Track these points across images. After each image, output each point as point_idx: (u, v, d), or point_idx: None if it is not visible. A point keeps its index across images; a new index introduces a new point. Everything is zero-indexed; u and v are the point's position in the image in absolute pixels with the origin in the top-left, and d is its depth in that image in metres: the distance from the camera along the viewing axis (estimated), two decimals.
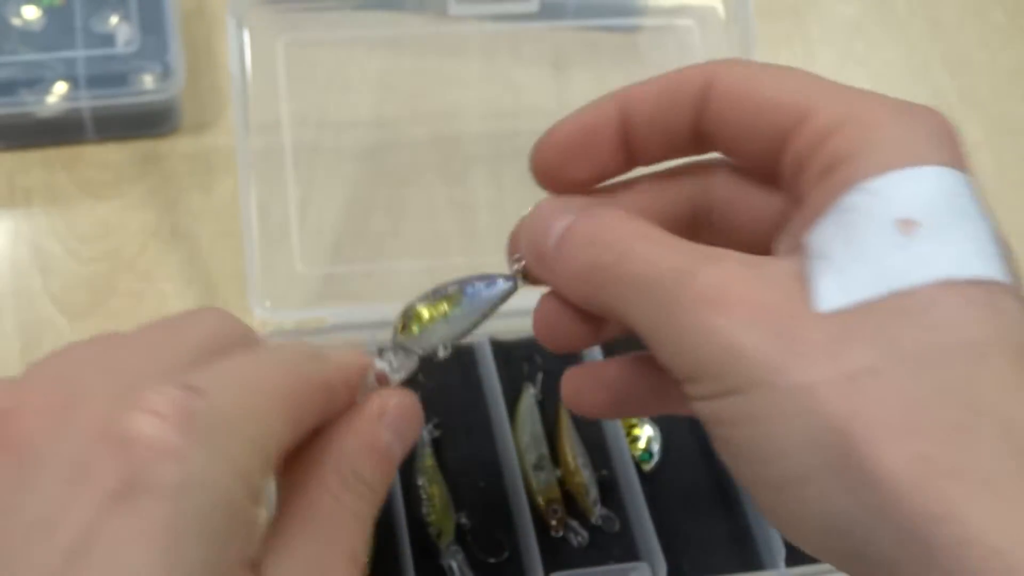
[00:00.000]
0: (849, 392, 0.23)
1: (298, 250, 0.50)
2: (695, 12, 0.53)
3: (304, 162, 0.51)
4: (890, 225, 0.25)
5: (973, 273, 0.24)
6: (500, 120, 0.58)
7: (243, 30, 0.47)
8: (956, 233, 0.25)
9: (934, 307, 0.24)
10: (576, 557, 0.44)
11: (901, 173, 0.25)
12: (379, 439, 0.30)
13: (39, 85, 0.56)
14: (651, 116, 0.30)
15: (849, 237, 0.25)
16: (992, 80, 0.69)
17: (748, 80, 0.29)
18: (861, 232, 0.25)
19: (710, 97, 0.29)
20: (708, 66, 0.30)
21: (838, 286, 0.24)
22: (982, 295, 0.24)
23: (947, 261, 0.24)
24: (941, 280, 0.24)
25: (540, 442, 0.47)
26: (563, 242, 0.30)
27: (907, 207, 0.25)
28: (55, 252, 0.54)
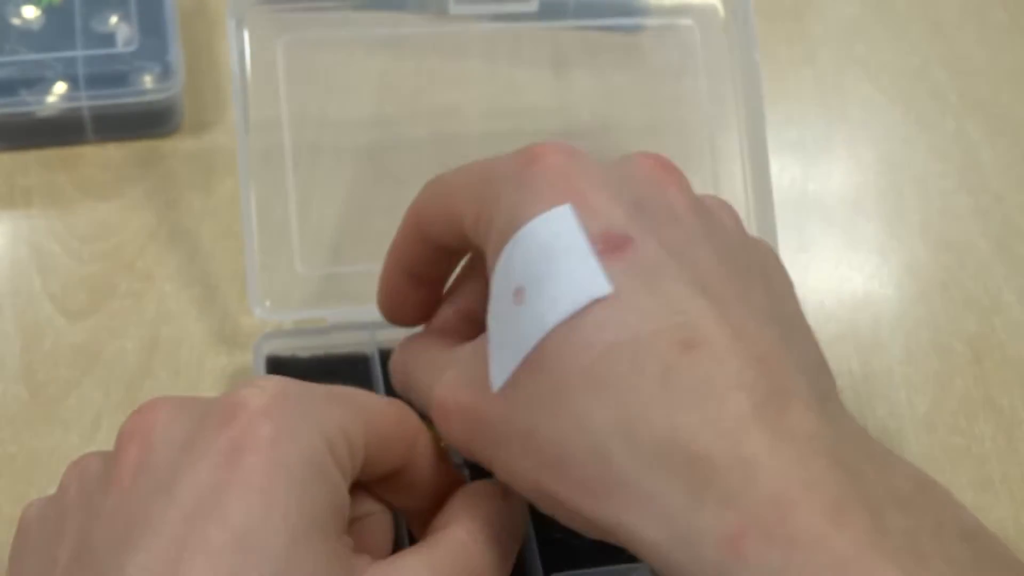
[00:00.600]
0: (524, 454, 0.28)
1: (298, 250, 0.50)
2: (695, 12, 0.53)
3: (304, 162, 0.50)
4: (509, 298, 0.28)
5: (570, 308, 0.27)
6: (500, 120, 0.58)
7: (243, 30, 0.47)
8: (553, 281, 0.27)
9: (554, 352, 0.27)
10: (576, 557, 0.44)
11: (505, 249, 0.29)
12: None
13: (38, 85, 0.56)
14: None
15: (496, 320, 0.29)
16: (993, 80, 0.68)
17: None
18: (498, 312, 0.29)
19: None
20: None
21: (498, 367, 0.28)
22: (587, 321, 0.27)
23: (550, 310, 0.27)
24: (551, 327, 0.27)
25: None
26: (391, 377, 0.38)
27: (516, 276, 0.28)
28: (54, 252, 0.54)
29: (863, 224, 0.62)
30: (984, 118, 0.67)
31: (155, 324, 0.52)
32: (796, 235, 0.59)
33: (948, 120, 0.66)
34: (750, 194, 0.51)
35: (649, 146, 0.60)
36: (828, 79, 0.68)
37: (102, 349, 0.51)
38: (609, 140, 0.59)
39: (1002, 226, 0.61)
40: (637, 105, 0.59)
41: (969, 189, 0.63)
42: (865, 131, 0.66)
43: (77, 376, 0.50)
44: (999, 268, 0.59)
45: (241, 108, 0.47)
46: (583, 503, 0.27)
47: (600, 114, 0.60)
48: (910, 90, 0.68)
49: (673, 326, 0.26)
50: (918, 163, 0.64)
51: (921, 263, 0.59)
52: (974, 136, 0.66)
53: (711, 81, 0.53)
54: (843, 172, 0.64)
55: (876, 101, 0.67)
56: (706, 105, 0.53)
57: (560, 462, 0.27)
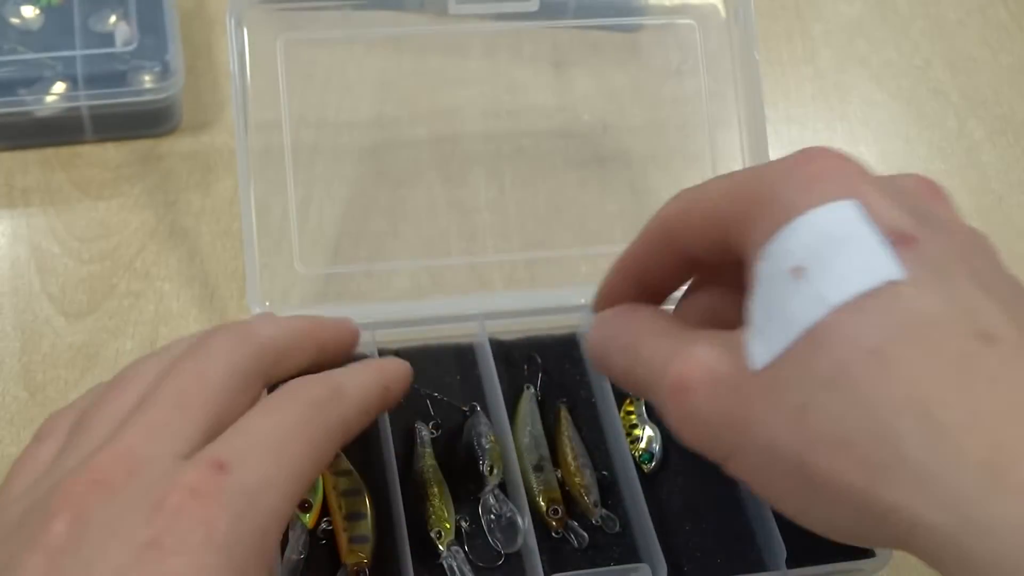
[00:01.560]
0: (792, 428, 0.27)
1: (298, 250, 0.49)
2: (696, 11, 0.53)
3: (304, 162, 0.50)
4: (785, 277, 0.28)
5: (860, 288, 0.27)
6: (500, 120, 0.58)
7: (243, 29, 0.47)
8: (838, 261, 0.28)
9: (836, 331, 0.27)
10: (576, 558, 0.44)
11: (784, 231, 0.29)
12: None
13: (37, 84, 0.56)
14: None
15: (762, 301, 0.29)
16: (994, 79, 0.68)
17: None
18: (767, 293, 0.29)
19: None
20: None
21: (762, 344, 0.28)
22: (876, 303, 0.27)
23: (835, 289, 0.27)
24: (835, 306, 0.27)
25: (540, 443, 0.46)
26: (590, 353, 0.37)
27: (793, 257, 0.28)
28: (53, 252, 0.54)
29: None
30: (985, 117, 0.66)
31: (154, 323, 0.52)
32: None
33: (949, 119, 0.66)
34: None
35: (650, 145, 0.61)
36: (829, 78, 0.68)
37: (101, 349, 0.51)
38: (609, 139, 0.59)
39: (1004, 226, 0.61)
40: (637, 104, 0.59)
41: (970, 188, 0.63)
42: (866, 130, 0.65)
43: (76, 376, 0.50)
44: None
45: (240, 108, 0.47)
46: (860, 482, 0.26)
47: (600, 114, 0.60)
48: (911, 89, 0.68)
49: (968, 317, 0.26)
50: (919, 162, 0.64)
51: None
52: (975, 135, 0.65)
53: (711, 80, 0.53)
54: None
55: (877, 100, 0.67)
56: (707, 104, 0.53)
57: (838, 439, 0.27)
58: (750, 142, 0.51)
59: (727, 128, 0.52)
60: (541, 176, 0.57)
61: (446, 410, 0.48)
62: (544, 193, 0.57)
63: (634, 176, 0.58)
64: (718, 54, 0.52)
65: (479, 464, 0.45)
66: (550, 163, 0.57)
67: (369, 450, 0.45)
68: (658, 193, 0.57)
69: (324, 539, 0.43)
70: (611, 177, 0.58)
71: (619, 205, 0.57)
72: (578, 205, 0.57)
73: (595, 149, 0.59)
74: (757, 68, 0.51)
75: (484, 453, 0.45)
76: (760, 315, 0.29)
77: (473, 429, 0.46)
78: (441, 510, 0.44)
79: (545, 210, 0.56)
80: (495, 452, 0.45)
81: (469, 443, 0.46)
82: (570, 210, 0.56)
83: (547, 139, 0.58)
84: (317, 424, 0.33)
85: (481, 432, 0.46)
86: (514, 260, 0.54)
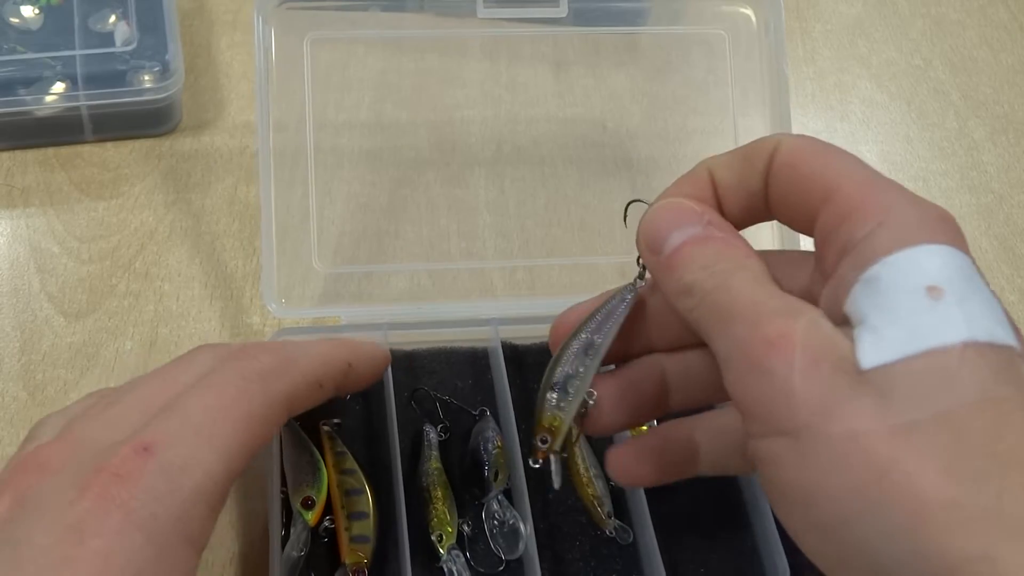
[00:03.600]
0: (890, 443, 0.26)
1: (314, 249, 0.49)
2: (726, 20, 0.53)
3: (321, 161, 0.50)
4: (919, 291, 0.28)
5: (992, 337, 0.27)
6: (517, 125, 0.58)
7: (270, 29, 0.47)
8: (974, 301, 0.28)
9: (962, 365, 0.27)
10: (578, 568, 0.44)
11: (919, 248, 0.28)
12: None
13: (37, 84, 0.55)
14: (734, 181, 0.34)
15: (880, 304, 0.28)
16: (995, 79, 0.68)
17: (795, 154, 0.32)
18: (891, 299, 0.28)
19: (772, 166, 0.33)
20: (776, 137, 0.33)
21: (878, 346, 0.27)
22: (1001, 358, 0.27)
23: (970, 324, 0.27)
24: (967, 340, 0.27)
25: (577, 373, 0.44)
26: (676, 256, 0.33)
27: (931, 276, 0.28)
28: (53, 252, 0.54)
29: None
30: (986, 117, 0.66)
31: (153, 324, 0.52)
32: (796, 235, 0.58)
33: (950, 119, 0.66)
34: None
35: (678, 151, 0.60)
36: (829, 77, 0.68)
37: (101, 349, 0.51)
38: (634, 145, 0.59)
39: (1004, 225, 0.61)
40: (666, 111, 0.59)
41: (971, 188, 0.63)
42: (866, 130, 0.65)
43: (76, 376, 0.49)
44: (1002, 268, 0.59)
45: (264, 107, 0.47)
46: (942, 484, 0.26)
47: (608, 116, 0.59)
48: (912, 89, 0.68)
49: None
50: (920, 162, 0.64)
51: None
52: (976, 135, 0.65)
53: (739, 88, 0.53)
54: None
55: (877, 99, 0.67)
56: (734, 112, 0.53)
57: (943, 467, 0.26)
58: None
59: (752, 135, 0.52)
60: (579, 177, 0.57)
61: (456, 413, 0.48)
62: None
63: (635, 177, 0.58)
64: (747, 64, 0.52)
65: (484, 469, 0.45)
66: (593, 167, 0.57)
67: (376, 450, 0.45)
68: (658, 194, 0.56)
69: (326, 537, 0.43)
70: (612, 178, 0.58)
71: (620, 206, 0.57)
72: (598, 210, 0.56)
73: (624, 154, 0.59)
74: (787, 80, 0.51)
75: (490, 458, 0.45)
76: (877, 317, 0.28)
77: (481, 434, 0.46)
78: (444, 513, 0.43)
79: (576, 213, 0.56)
80: (501, 458, 0.45)
81: (476, 448, 0.46)
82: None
83: (587, 146, 0.58)
84: (254, 398, 0.34)
85: (488, 437, 0.46)
86: (523, 265, 0.54)
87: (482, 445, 0.46)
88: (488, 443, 0.45)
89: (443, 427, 0.47)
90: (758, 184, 0.33)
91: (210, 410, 0.33)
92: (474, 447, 0.46)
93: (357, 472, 0.44)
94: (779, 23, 0.51)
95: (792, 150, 0.32)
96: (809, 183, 0.31)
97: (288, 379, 0.35)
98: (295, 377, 0.36)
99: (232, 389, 0.34)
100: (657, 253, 0.33)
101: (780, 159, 0.32)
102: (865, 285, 0.29)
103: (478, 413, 0.48)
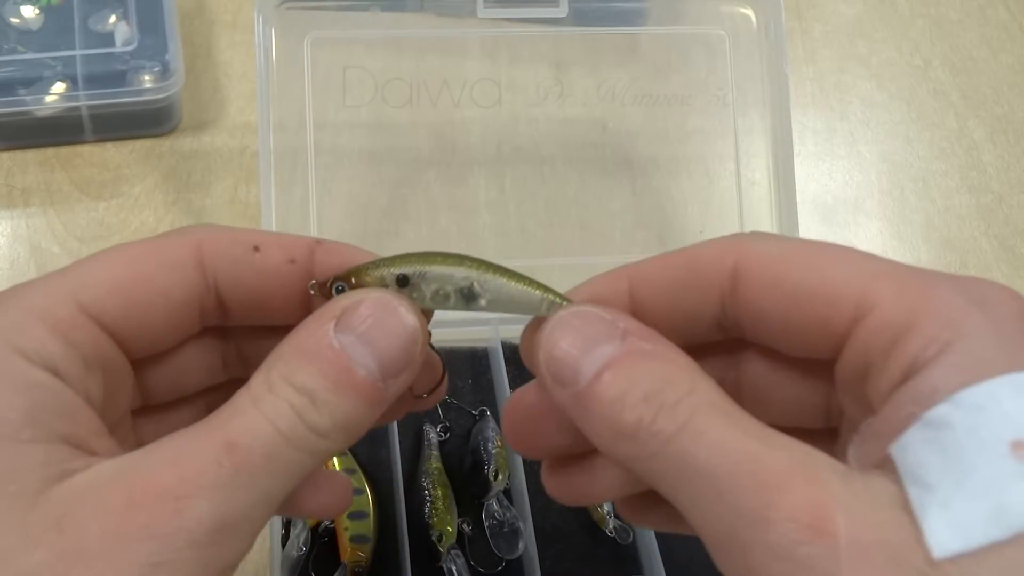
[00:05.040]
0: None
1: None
2: (726, 20, 0.53)
3: (321, 161, 0.50)
4: (1001, 449, 0.21)
5: None
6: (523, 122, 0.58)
7: (270, 29, 0.47)
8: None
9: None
10: (578, 568, 0.44)
11: (998, 382, 0.22)
12: (323, 339, 0.25)
13: (38, 84, 0.55)
14: (668, 301, 0.27)
15: (949, 460, 0.21)
16: (994, 79, 0.68)
17: (783, 264, 0.25)
18: (964, 455, 0.21)
19: (740, 283, 0.26)
20: (732, 245, 0.26)
21: (952, 526, 0.21)
22: None
23: None
24: None
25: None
26: (600, 383, 0.24)
27: (1018, 424, 0.21)
28: (53, 252, 0.54)
29: (864, 223, 0.61)
30: (986, 117, 0.66)
31: None
32: (796, 235, 0.58)
33: (950, 119, 0.66)
34: (773, 198, 0.51)
35: (678, 151, 0.60)
36: (829, 78, 0.68)
37: None
38: (634, 145, 0.59)
39: (1004, 226, 0.61)
40: (666, 111, 0.59)
41: (971, 188, 0.63)
42: (866, 130, 0.65)
43: None
44: (1002, 267, 0.59)
45: (265, 106, 0.47)
46: None
47: (623, 119, 0.59)
48: (911, 89, 0.68)
49: None
50: (920, 162, 0.64)
51: (923, 263, 0.59)
52: (976, 135, 0.65)
53: (739, 88, 0.53)
54: (844, 171, 0.64)
55: (877, 100, 0.67)
56: (734, 112, 0.53)
57: None
58: (774, 150, 0.51)
59: (751, 135, 0.52)
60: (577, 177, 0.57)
61: (456, 413, 0.48)
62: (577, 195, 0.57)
63: (635, 177, 0.58)
64: (747, 64, 0.52)
65: (484, 469, 0.45)
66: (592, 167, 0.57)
67: (376, 450, 0.45)
68: (658, 195, 0.56)
69: (326, 537, 0.43)
70: (612, 178, 0.58)
71: (620, 205, 0.57)
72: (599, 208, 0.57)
73: (624, 154, 0.59)
74: (787, 80, 0.51)
75: (490, 458, 0.45)
76: (941, 478, 0.21)
77: (481, 434, 0.46)
78: (444, 513, 0.43)
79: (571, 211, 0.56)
80: (501, 457, 0.45)
81: (476, 447, 0.46)
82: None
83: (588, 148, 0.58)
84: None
85: (488, 437, 0.46)
86: (523, 265, 0.54)
87: (482, 445, 0.46)
88: (488, 443, 0.45)
89: (443, 427, 0.47)
90: (708, 308, 0.26)
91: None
92: (474, 447, 0.46)
93: (357, 472, 0.44)
94: (779, 23, 0.51)
95: (770, 260, 0.25)
96: (823, 298, 0.24)
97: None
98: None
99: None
100: (570, 385, 0.25)
101: (757, 274, 0.25)
102: (926, 429, 0.22)
103: (478, 413, 0.48)
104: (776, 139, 0.51)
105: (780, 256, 0.25)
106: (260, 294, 0.28)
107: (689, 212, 0.56)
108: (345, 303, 0.25)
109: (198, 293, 0.27)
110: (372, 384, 0.25)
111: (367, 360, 0.25)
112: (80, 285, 0.26)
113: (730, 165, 0.53)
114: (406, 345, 0.26)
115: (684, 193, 0.57)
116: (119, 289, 0.26)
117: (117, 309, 0.26)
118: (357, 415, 0.25)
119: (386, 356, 0.25)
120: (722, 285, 0.26)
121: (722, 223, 0.54)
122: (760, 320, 0.26)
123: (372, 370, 0.25)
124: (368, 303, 0.25)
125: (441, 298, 0.28)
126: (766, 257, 0.25)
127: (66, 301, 0.25)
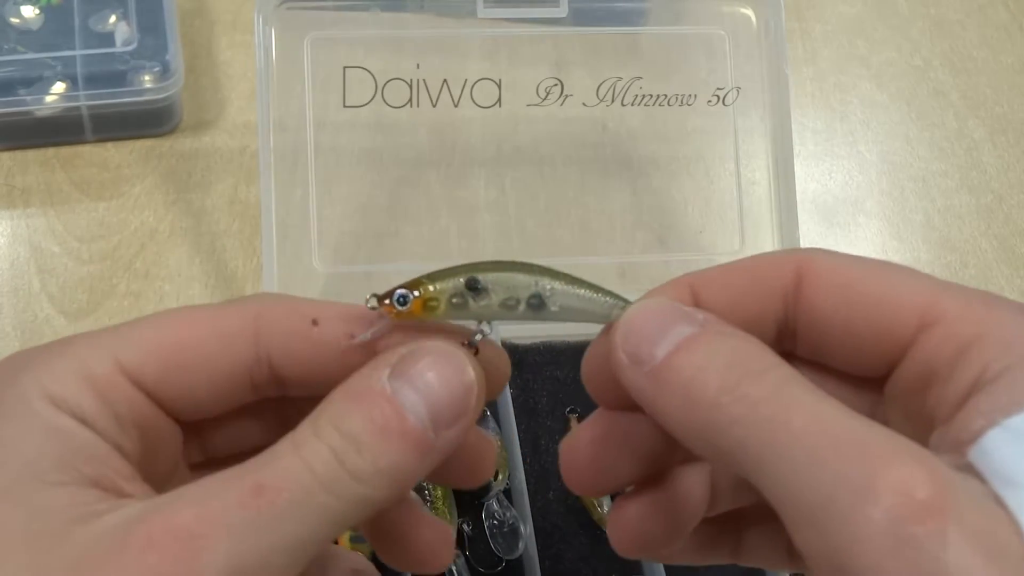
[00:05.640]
0: None
1: (315, 249, 0.49)
2: (726, 20, 0.53)
3: (321, 161, 0.50)
4: None
5: None
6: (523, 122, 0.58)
7: (270, 29, 0.47)
8: None
9: None
10: (578, 568, 0.44)
11: None
12: (376, 384, 0.24)
13: (38, 84, 0.55)
14: (731, 306, 0.27)
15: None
16: (994, 79, 0.68)
17: (849, 270, 0.26)
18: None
19: (804, 287, 0.26)
20: (793, 254, 0.27)
21: None
22: None
23: None
24: None
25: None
26: (679, 355, 0.24)
27: None
28: (53, 252, 0.54)
29: (864, 223, 0.61)
30: (986, 117, 0.66)
31: None
32: (796, 235, 0.58)
33: (950, 119, 0.66)
34: (773, 199, 0.51)
35: (678, 151, 0.60)
36: (829, 78, 0.68)
37: None
38: (634, 145, 0.59)
39: (1004, 225, 0.61)
40: (666, 111, 0.59)
41: (971, 188, 0.63)
42: (866, 130, 0.65)
43: None
44: (1002, 267, 0.59)
45: (265, 106, 0.47)
46: None
47: (623, 119, 0.59)
48: (911, 89, 0.68)
49: None
50: (920, 162, 0.64)
51: (923, 263, 0.59)
52: (976, 135, 0.65)
53: (739, 88, 0.53)
54: (844, 171, 0.64)
55: (877, 100, 0.67)
56: (734, 112, 0.53)
57: None
58: (775, 151, 0.51)
59: (751, 135, 0.52)
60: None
61: None
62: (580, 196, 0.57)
63: (635, 177, 0.58)
64: (748, 65, 0.52)
65: None
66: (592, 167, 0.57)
67: None
68: (658, 195, 0.56)
69: None
70: (612, 178, 0.58)
71: (620, 205, 0.57)
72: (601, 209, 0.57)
73: (624, 154, 0.59)
74: (787, 80, 0.51)
75: None
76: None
77: None
78: (444, 513, 0.43)
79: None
80: (500, 457, 0.45)
81: None
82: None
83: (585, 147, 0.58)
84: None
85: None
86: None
87: None
88: None
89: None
90: (771, 313, 0.26)
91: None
92: None
93: None
94: (779, 23, 0.51)
95: (835, 267, 0.26)
96: (884, 307, 0.25)
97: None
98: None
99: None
100: (647, 362, 0.24)
101: (823, 277, 0.26)
102: (1008, 433, 0.22)
103: None
104: (776, 139, 0.51)
105: (845, 264, 0.26)
106: (317, 368, 0.27)
107: (689, 212, 0.56)
108: (403, 351, 0.25)
109: (246, 365, 0.27)
110: (422, 432, 0.24)
111: (418, 407, 0.24)
112: (124, 344, 0.26)
113: (730, 165, 0.53)
114: (463, 396, 0.25)
115: (684, 193, 0.57)
116: (161, 353, 0.26)
117: (157, 373, 0.26)
118: (403, 463, 0.24)
119: (439, 405, 0.24)
120: (785, 288, 0.26)
121: (722, 223, 0.54)
122: (821, 325, 0.26)
123: (423, 417, 0.24)
124: (430, 351, 0.25)
125: (510, 306, 0.27)
126: (831, 264, 0.26)
127: (106, 359, 0.25)
